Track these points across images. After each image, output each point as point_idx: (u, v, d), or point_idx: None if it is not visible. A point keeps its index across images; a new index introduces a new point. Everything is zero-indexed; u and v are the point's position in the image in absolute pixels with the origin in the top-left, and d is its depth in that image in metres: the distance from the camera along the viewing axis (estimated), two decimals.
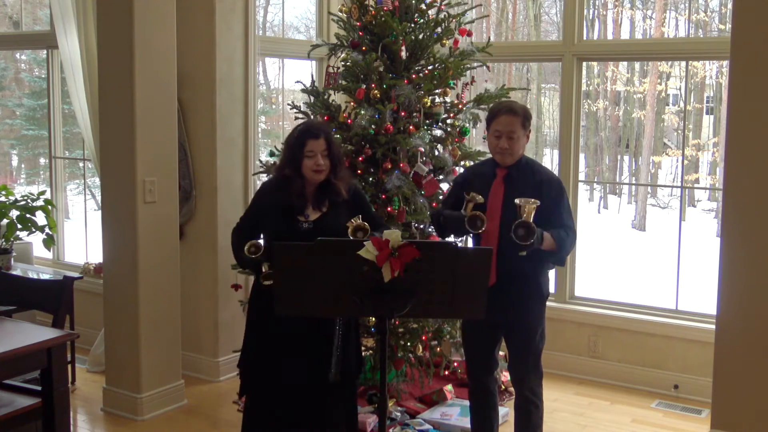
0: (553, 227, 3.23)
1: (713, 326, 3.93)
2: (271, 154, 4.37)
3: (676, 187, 12.96)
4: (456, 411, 4.23)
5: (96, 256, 5.47)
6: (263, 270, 3.05)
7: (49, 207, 5.39)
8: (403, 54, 4.27)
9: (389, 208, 4.13)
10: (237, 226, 3.39)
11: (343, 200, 3.22)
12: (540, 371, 3.44)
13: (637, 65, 12.68)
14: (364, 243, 2.52)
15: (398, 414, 4.18)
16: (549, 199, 3.24)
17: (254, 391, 3.34)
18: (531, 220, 3.05)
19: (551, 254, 3.27)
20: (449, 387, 4.50)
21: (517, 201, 3.09)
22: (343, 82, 4.43)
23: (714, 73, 12.73)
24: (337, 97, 4.90)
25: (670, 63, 11.96)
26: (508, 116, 3.27)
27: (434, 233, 4.11)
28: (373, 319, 3.89)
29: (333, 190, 3.19)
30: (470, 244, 3.71)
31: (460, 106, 4.43)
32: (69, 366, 4.09)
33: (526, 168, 3.35)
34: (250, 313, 3.36)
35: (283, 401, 3.24)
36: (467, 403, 3.73)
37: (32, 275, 5.06)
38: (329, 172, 3.17)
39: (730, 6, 5.70)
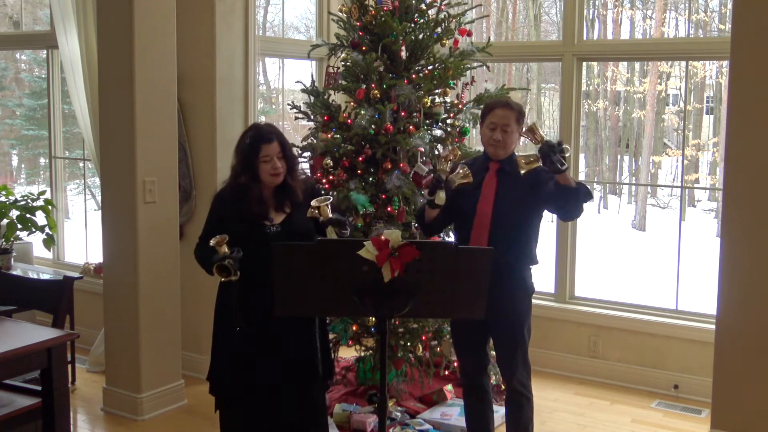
0: None
1: (713, 326, 3.93)
2: None
3: (676, 187, 12.96)
4: (456, 411, 4.23)
5: (96, 256, 5.47)
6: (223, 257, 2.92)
7: (49, 207, 5.39)
8: (403, 54, 4.27)
9: (389, 208, 4.13)
10: (198, 243, 3.24)
11: (303, 199, 3.19)
12: (528, 365, 3.47)
13: (637, 65, 12.68)
14: (364, 243, 2.52)
15: (398, 414, 4.18)
16: (548, 178, 3.23)
17: (230, 397, 3.29)
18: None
19: (570, 191, 3.16)
20: (449, 387, 4.50)
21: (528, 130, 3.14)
22: (343, 82, 4.42)
23: (714, 73, 12.74)
24: (337, 97, 4.90)
25: (670, 63, 11.96)
26: (504, 110, 3.36)
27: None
28: (373, 319, 3.89)
29: (291, 191, 3.17)
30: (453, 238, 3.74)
31: (460, 106, 4.43)
32: (69, 366, 4.08)
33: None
34: (217, 318, 3.33)
35: (261, 403, 3.20)
36: None
37: (32, 275, 5.05)
38: (286, 174, 3.15)
39: (730, 6, 5.69)
